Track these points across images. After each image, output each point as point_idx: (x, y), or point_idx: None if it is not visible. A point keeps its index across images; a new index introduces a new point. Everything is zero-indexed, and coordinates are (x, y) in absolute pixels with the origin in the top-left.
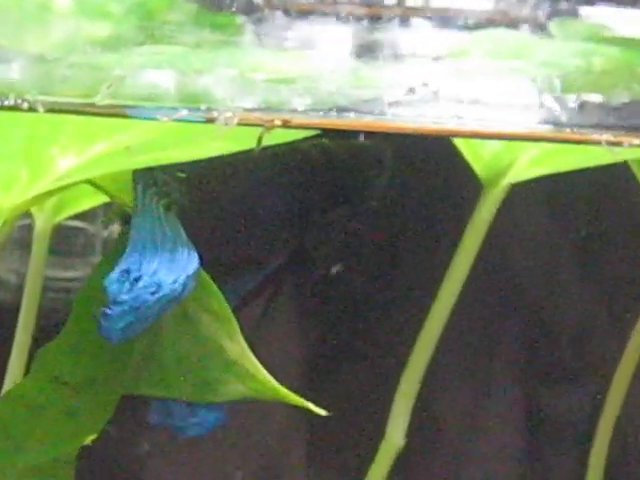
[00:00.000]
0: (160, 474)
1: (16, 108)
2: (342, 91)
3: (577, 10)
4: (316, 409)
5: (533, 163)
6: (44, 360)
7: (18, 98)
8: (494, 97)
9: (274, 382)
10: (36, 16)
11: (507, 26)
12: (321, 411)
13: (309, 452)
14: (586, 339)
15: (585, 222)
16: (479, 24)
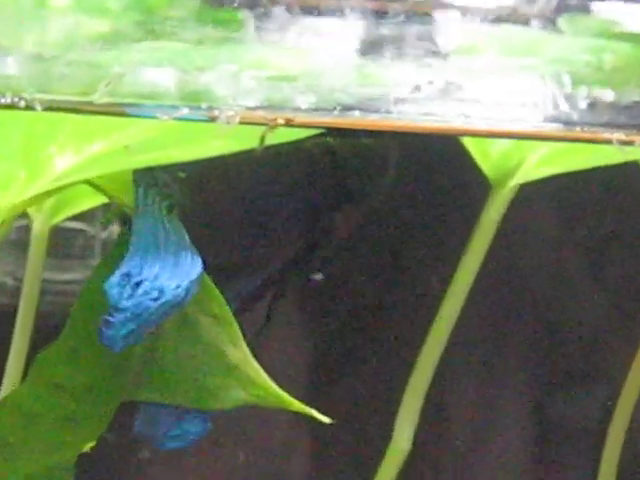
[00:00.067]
0: None
1: (13, 106)
2: (347, 89)
3: (588, 6)
4: (320, 416)
5: (542, 162)
6: (42, 366)
7: (15, 96)
8: (503, 95)
9: (277, 388)
10: (33, 13)
11: (516, 22)
12: (325, 418)
13: (315, 458)
14: (597, 342)
15: (595, 223)
16: (488, 20)
